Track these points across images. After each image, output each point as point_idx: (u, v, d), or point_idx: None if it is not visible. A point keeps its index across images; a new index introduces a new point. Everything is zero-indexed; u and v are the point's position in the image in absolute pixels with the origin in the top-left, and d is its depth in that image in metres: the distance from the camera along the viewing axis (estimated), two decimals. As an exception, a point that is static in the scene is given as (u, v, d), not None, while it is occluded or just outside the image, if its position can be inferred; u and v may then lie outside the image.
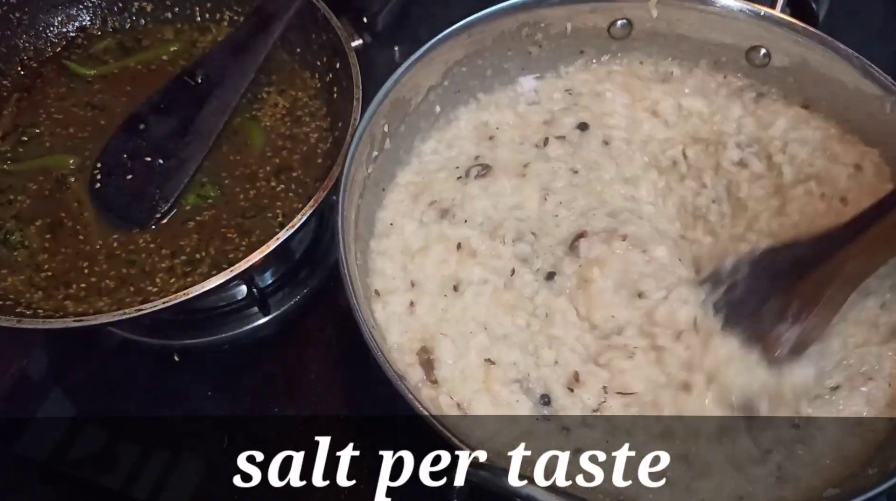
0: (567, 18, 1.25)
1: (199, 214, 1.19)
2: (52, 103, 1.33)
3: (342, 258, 0.97)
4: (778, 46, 1.20)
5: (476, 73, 1.25)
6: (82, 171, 1.24)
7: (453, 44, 1.18)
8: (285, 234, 1.06)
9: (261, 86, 1.33)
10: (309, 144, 1.27)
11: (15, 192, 1.22)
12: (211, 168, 1.24)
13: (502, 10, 1.21)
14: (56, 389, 1.23)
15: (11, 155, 1.26)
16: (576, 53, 1.30)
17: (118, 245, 1.16)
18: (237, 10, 1.41)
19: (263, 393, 1.20)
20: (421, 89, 1.19)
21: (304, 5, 1.27)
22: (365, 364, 0.91)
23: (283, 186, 1.22)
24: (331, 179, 1.09)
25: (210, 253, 1.15)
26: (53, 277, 1.14)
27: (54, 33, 1.39)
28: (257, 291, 1.24)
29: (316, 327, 1.27)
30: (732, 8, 1.20)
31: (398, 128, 1.18)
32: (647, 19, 1.25)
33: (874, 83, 1.12)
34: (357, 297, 0.94)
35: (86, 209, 1.20)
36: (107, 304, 1.10)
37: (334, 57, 1.27)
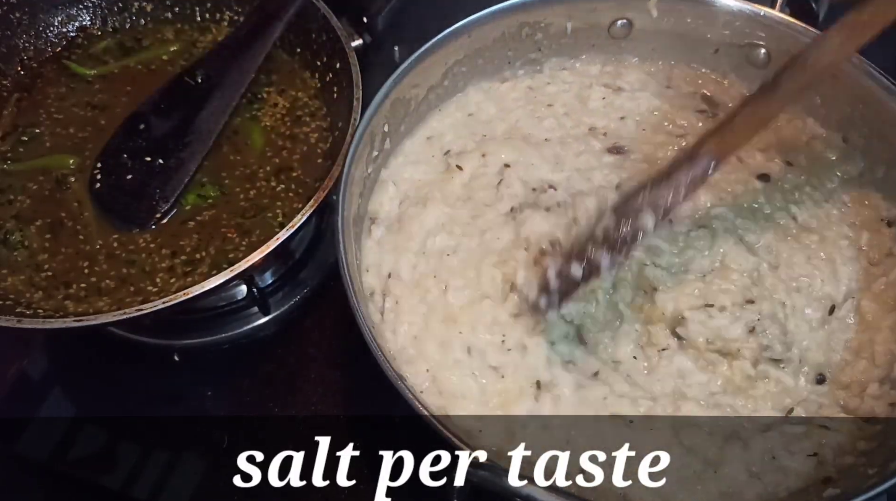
0: (567, 18, 1.26)
1: (199, 214, 1.19)
2: (52, 103, 1.33)
3: (342, 258, 0.97)
4: (778, 46, 1.20)
5: (476, 73, 1.26)
6: (82, 171, 1.24)
7: (453, 44, 1.19)
8: (285, 234, 1.06)
9: (261, 86, 1.33)
10: (309, 144, 1.27)
11: (15, 192, 1.22)
12: (211, 168, 1.24)
13: (502, 10, 1.21)
14: (56, 389, 1.23)
15: (11, 155, 1.27)
16: (576, 53, 1.30)
17: (118, 245, 1.16)
18: (237, 10, 1.41)
19: (263, 393, 1.20)
20: (421, 89, 1.19)
21: (304, 5, 1.27)
22: (365, 364, 0.91)
23: (283, 186, 1.22)
24: (331, 179, 1.09)
25: (210, 254, 1.15)
26: (53, 277, 1.14)
27: (54, 33, 1.39)
28: (257, 291, 1.24)
29: (316, 327, 1.27)
30: (732, 8, 1.21)
31: (398, 128, 1.18)
32: (647, 19, 1.25)
33: (874, 83, 1.12)
34: (357, 297, 0.94)
35: (86, 209, 1.20)
36: (107, 304, 1.10)
37: (334, 57, 1.27)
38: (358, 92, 1.18)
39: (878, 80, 1.12)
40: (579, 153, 1.20)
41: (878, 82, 1.12)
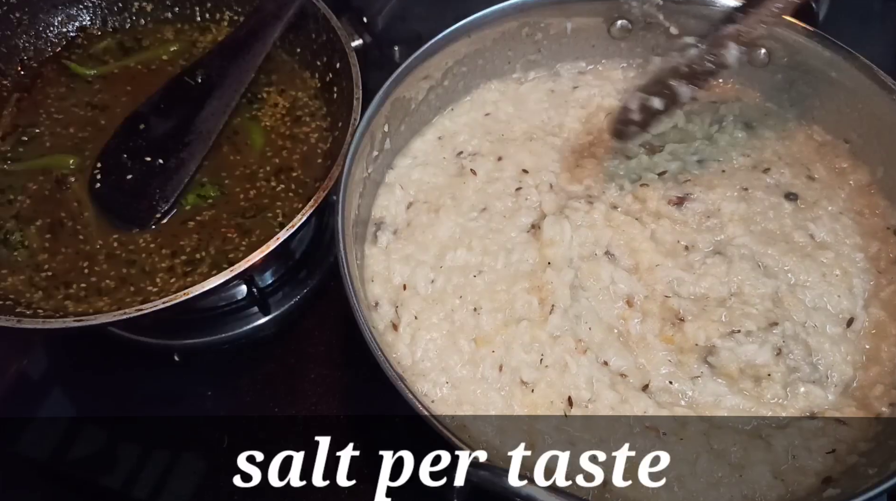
0: (567, 18, 1.26)
1: (199, 214, 1.19)
2: (52, 103, 1.33)
3: (342, 258, 0.97)
4: (778, 46, 1.20)
5: (476, 73, 1.26)
6: (82, 171, 1.24)
7: (453, 44, 1.19)
8: (285, 234, 1.06)
9: (261, 86, 1.33)
10: (309, 144, 1.27)
11: (15, 192, 1.22)
12: (211, 168, 1.24)
13: (502, 10, 1.21)
14: (56, 389, 1.23)
15: (11, 155, 1.27)
16: (576, 53, 1.30)
17: (118, 245, 1.16)
18: (237, 10, 1.41)
19: (263, 393, 1.20)
20: (421, 89, 1.19)
21: (304, 5, 1.27)
22: (365, 364, 0.91)
23: (283, 186, 1.22)
24: (331, 179, 1.09)
25: (210, 253, 1.15)
26: (53, 277, 1.14)
27: (54, 33, 1.39)
28: (257, 291, 1.24)
29: (316, 327, 1.27)
30: (732, 8, 1.20)
31: (398, 128, 1.18)
32: (647, 19, 1.25)
33: (874, 83, 1.12)
34: (357, 297, 0.94)
35: (86, 209, 1.20)
36: (107, 304, 1.10)
37: (334, 57, 1.27)
38: (358, 92, 1.18)
39: (874, 76, 1.12)
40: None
41: (873, 78, 1.12)
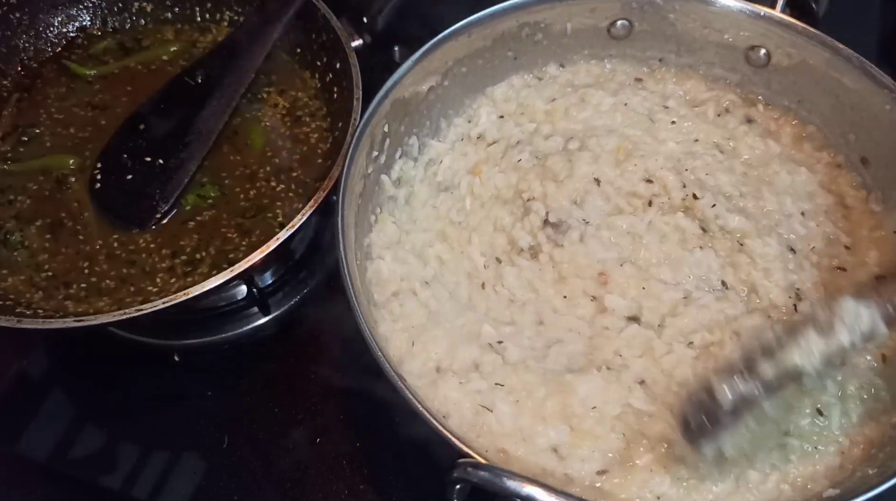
0: (567, 18, 1.26)
1: (199, 214, 1.19)
2: (52, 103, 1.33)
3: (342, 258, 0.97)
4: (778, 46, 1.20)
5: (476, 73, 1.26)
6: (82, 171, 1.24)
7: (453, 44, 1.19)
8: (285, 234, 1.05)
9: (261, 86, 1.33)
10: (309, 144, 1.27)
11: (15, 192, 1.22)
12: (211, 168, 1.24)
13: (502, 10, 1.21)
14: (56, 389, 1.23)
15: (11, 155, 1.27)
16: (576, 53, 1.30)
17: (118, 245, 1.16)
18: (237, 10, 1.41)
19: (263, 393, 1.20)
20: (421, 89, 1.19)
21: (304, 5, 1.27)
22: (365, 364, 0.91)
23: (283, 186, 1.22)
24: (331, 179, 1.09)
25: (210, 253, 1.15)
26: (53, 277, 1.14)
27: (54, 33, 1.39)
28: (257, 291, 1.24)
29: (316, 327, 1.27)
30: (732, 8, 1.21)
31: (398, 128, 1.18)
32: (647, 19, 1.25)
33: (874, 83, 1.12)
34: (357, 298, 0.94)
35: (86, 209, 1.20)
36: (107, 304, 1.10)
37: (334, 57, 1.27)
38: (358, 92, 1.18)
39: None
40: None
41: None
